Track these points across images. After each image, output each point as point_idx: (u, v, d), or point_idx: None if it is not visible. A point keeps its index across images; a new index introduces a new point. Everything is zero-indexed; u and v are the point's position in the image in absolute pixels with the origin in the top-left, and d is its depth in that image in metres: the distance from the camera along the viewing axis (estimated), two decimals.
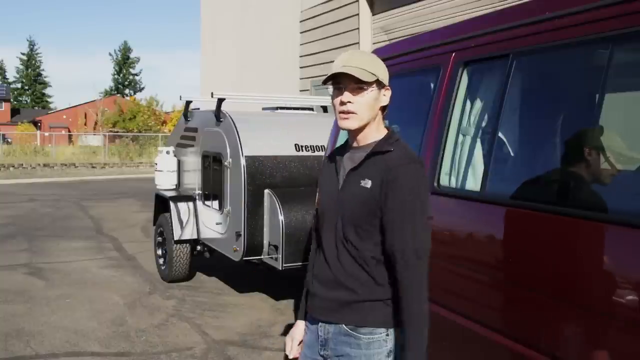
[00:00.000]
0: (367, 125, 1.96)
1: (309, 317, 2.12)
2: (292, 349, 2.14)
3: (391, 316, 1.94)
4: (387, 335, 1.94)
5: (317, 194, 2.17)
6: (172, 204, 6.59)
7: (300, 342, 2.15)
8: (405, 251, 1.84)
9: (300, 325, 2.17)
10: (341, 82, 1.91)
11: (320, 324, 2.03)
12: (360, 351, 1.93)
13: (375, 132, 1.98)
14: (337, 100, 1.93)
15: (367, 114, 1.93)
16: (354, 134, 1.99)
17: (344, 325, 1.96)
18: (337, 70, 1.89)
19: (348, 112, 1.91)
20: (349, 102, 1.91)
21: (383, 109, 2.00)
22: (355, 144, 2.01)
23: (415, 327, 1.83)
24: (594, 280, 2.07)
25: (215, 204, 6.19)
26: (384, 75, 1.96)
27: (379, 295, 1.93)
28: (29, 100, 72.19)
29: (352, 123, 1.93)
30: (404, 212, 1.85)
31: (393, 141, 1.96)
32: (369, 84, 1.91)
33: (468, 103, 2.98)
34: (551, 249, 2.26)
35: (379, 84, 1.94)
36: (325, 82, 1.95)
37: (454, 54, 3.02)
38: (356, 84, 1.90)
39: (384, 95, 1.98)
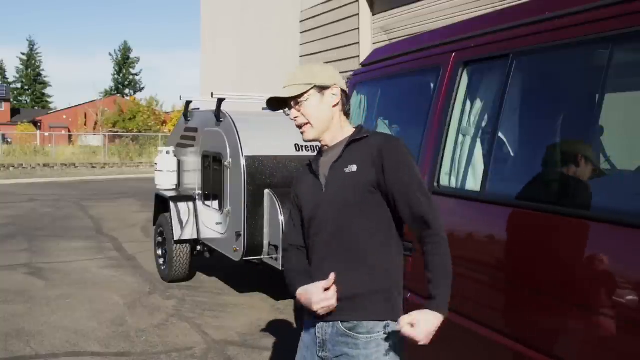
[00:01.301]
0: (329, 129, 2.04)
1: (306, 321, 2.10)
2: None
3: (390, 310, 1.96)
4: (385, 333, 1.94)
5: (296, 212, 2.15)
6: (172, 204, 6.59)
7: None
8: (434, 212, 1.93)
9: (307, 288, 1.99)
10: (287, 102, 2.05)
11: (317, 325, 2.02)
12: (358, 351, 1.94)
13: (342, 131, 2.06)
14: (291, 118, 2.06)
15: (319, 119, 2.02)
16: (322, 140, 2.07)
17: (340, 325, 1.96)
18: (269, 97, 2.05)
19: (301, 125, 2.03)
20: (296, 117, 2.03)
21: (344, 108, 2.07)
22: (326, 148, 2.08)
23: (449, 281, 1.90)
24: (594, 281, 2.07)
25: (215, 204, 6.19)
26: (322, 78, 2.02)
27: (379, 285, 1.95)
28: (29, 100, 72.11)
29: (309, 134, 2.04)
30: (413, 184, 1.93)
31: (366, 131, 2.05)
32: (301, 95, 2.00)
33: (468, 103, 2.98)
34: (551, 249, 2.26)
35: (319, 88, 2.01)
36: (285, 111, 2.16)
37: (454, 54, 3.02)
38: (292, 100, 2.02)
39: (333, 94, 2.04)
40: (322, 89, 2.01)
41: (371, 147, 1.96)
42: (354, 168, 1.95)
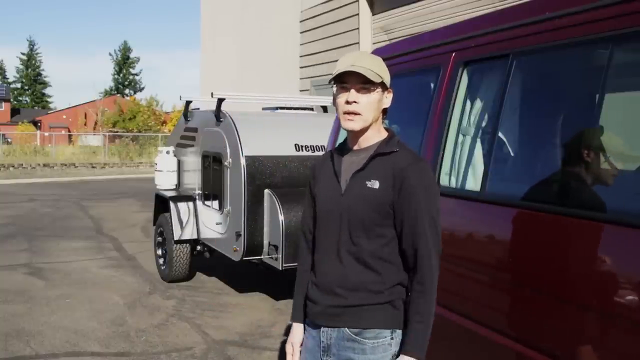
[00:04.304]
0: (369, 127, 1.96)
1: (309, 323, 2.08)
2: (295, 356, 2.09)
3: (397, 318, 1.93)
4: (392, 338, 1.93)
5: (310, 198, 2.12)
6: (172, 204, 6.59)
7: (301, 345, 2.10)
8: (431, 255, 1.87)
9: (298, 329, 2.12)
10: (347, 81, 1.92)
11: (322, 329, 2.00)
12: (365, 356, 1.92)
13: (377, 134, 1.99)
14: (342, 99, 1.93)
15: (371, 115, 1.94)
16: (355, 135, 1.98)
17: (347, 330, 1.94)
18: (346, 69, 1.89)
19: (353, 113, 1.92)
20: (355, 101, 1.91)
21: (384, 111, 2.02)
22: (356, 147, 2.00)
23: (427, 327, 1.86)
24: (594, 281, 2.07)
25: (215, 204, 6.19)
26: (387, 78, 1.98)
27: (384, 298, 1.92)
28: (29, 100, 72.08)
29: (356, 124, 1.93)
30: (424, 214, 1.88)
31: (396, 142, 1.97)
32: (375, 84, 1.92)
33: (468, 103, 2.98)
34: (551, 249, 2.26)
35: (383, 86, 1.96)
36: (331, 81, 1.95)
37: (454, 54, 3.02)
38: (362, 84, 1.91)
39: (386, 97, 1.99)
40: (385, 88, 1.97)
41: (395, 165, 1.90)
42: (375, 184, 1.90)
